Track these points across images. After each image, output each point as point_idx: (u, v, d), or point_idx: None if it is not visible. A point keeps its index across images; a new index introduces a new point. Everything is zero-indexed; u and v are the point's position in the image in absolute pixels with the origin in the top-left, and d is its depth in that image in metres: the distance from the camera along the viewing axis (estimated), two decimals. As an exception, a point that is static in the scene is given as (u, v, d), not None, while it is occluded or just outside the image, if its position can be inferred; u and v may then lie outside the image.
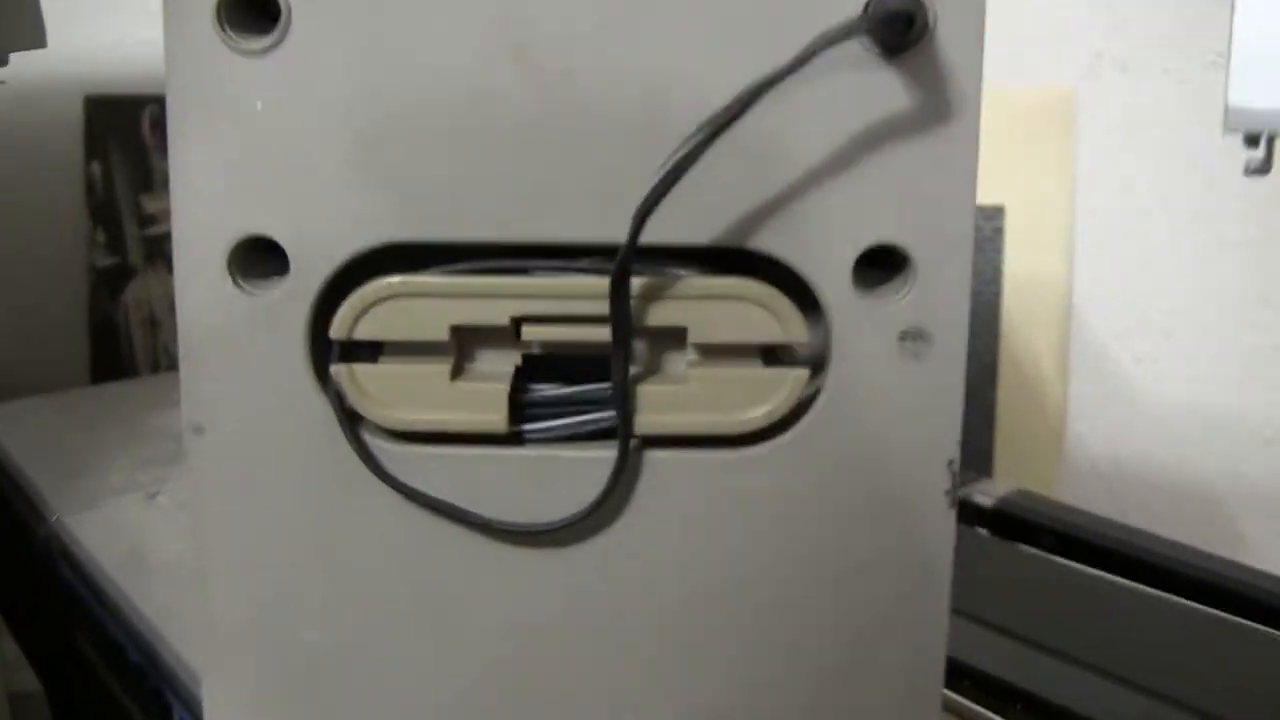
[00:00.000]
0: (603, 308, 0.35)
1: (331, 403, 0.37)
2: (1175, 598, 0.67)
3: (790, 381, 0.36)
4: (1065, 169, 0.91)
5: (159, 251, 1.01)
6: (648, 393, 0.37)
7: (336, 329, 0.36)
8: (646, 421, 0.36)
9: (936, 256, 0.35)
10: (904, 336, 0.36)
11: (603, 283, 0.35)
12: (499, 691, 0.38)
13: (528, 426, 0.37)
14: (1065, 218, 0.92)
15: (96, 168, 1.01)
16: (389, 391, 0.37)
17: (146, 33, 0.95)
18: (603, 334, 0.35)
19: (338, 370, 0.36)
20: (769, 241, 0.35)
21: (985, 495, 0.77)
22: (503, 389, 0.36)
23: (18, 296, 0.97)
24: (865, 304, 0.36)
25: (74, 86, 1.00)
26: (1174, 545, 0.71)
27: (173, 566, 0.61)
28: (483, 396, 0.36)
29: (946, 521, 0.37)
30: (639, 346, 0.37)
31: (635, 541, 0.37)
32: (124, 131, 1.00)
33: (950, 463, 0.37)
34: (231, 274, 0.36)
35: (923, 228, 0.35)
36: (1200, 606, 0.67)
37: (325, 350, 0.37)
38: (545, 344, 0.37)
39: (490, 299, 0.36)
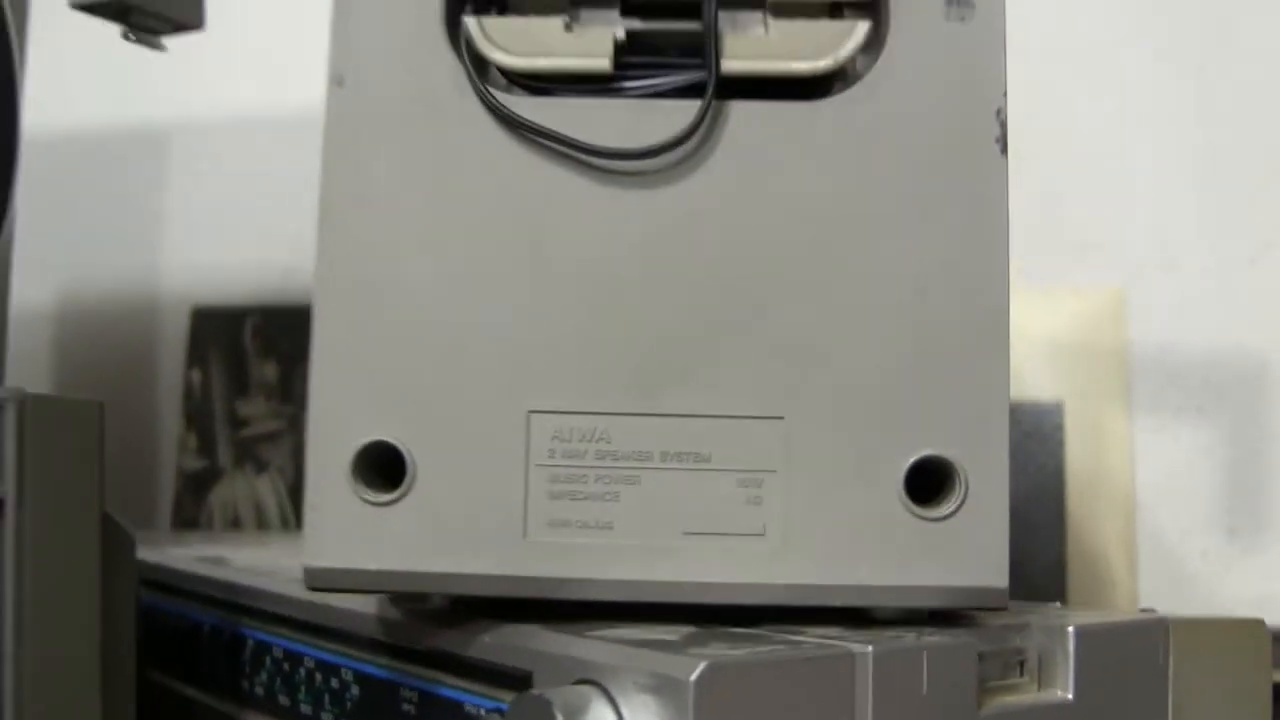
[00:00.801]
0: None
1: (460, 50, 0.42)
2: None
3: (855, 32, 0.42)
4: (1120, 365, 0.96)
5: (250, 454, 1.06)
6: (732, 41, 0.42)
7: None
8: (731, 66, 0.42)
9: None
10: (949, 1, 0.42)
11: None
12: (588, 331, 0.41)
13: (628, 83, 0.43)
14: (1123, 413, 0.96)
15: (196, 375, 1.07)
16: (512, 39, 0.42)
17: (251, 250, 1.04)
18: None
19: (468, 22, 0.42)
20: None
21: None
22: (609, 33, 0.42)
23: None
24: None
25: (182, 301, 1.07)
26: None
27: None
28: (591, 41, 0.42)
29: (999, 166, 0.42)
30: (723, 14, 0.42)
31: (720, 182, 0.41)
32: (226, 340, 1.07)
33: (998, 111, 0.42)
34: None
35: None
36: None
37: (458, 5, 0.43)
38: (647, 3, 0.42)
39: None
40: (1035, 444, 0.94)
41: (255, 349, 1.05)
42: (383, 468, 0.40)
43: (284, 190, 0.88)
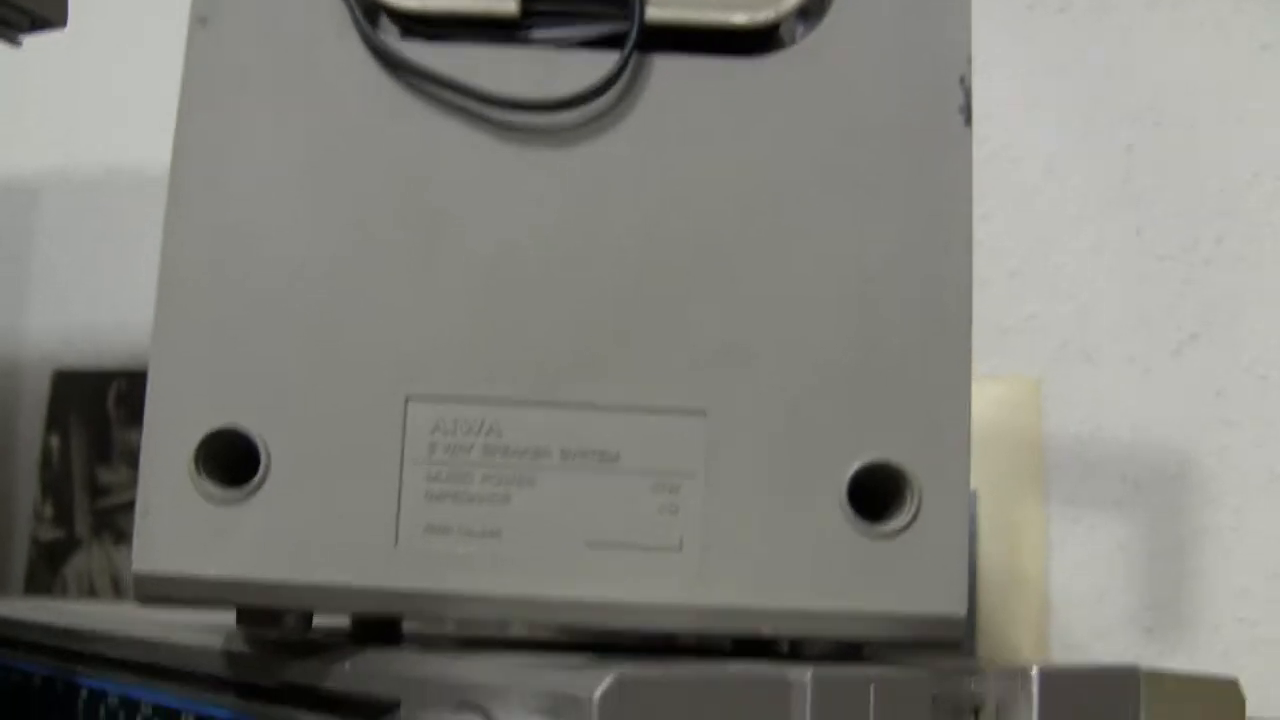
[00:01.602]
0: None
1: (343, -14, 0.37)
2: None
3: (801, -21, 0.37)
4: (1036, 457, 0.92)
5: (109, 524, 0.98)
6: (660, -12, 0.37)
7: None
8: (657, 14, 0.37)
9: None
10: (910, -49, 0.37)
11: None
12: (478, 307, 0.35)
13: (538, 30, 0.37)
14: (1037, 506, 0.92)
15: (55, 440, 1.00)
16: (404, -28, 0.37)
17: (117, 311, 0.98)
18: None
19: (353, -48, 0.37)
20: None
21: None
22: (515, -30, 0.37)
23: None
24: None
25: (44, 363, 1.01)
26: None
27: None
28: (496, -22, 0.37)
29: (962, 139, 0.37)
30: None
31: (639, 145, 0.36)
32: (88, 405, 1.00)
33: (962, 79, 0.37)
34: None
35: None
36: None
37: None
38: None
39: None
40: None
41: (119, 415, 0.99)
42: (231, 460, 0.34)
43: (154, 250, 0.82)
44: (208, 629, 0.41)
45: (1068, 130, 0.88)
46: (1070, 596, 0.87)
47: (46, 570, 0.98)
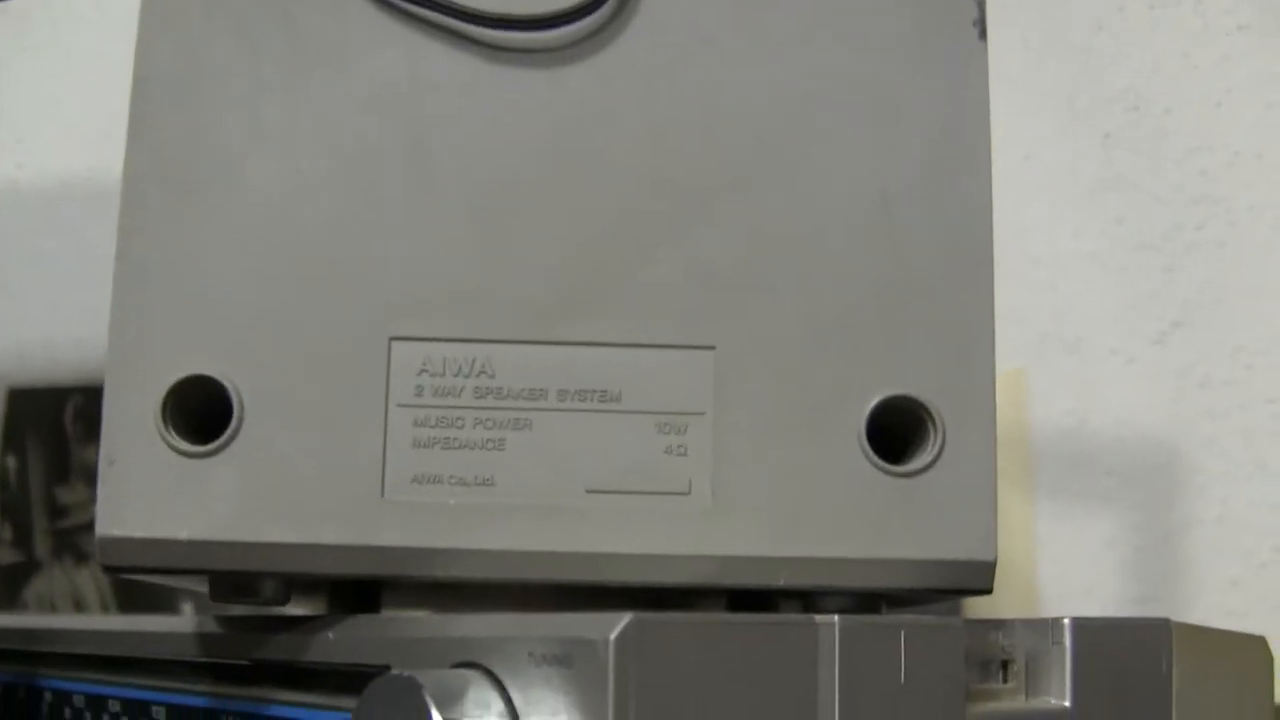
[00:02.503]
0: None
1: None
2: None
3: None
4: (1021, 450, 0.90)
5: (69, 545, 0.95)
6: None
7: None
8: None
9: None
10: None
11: None
12: (468, 241, 0.33)
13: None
14: (1025, 501, 0.90)
15: (11, 460, 0.97)
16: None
17: (74, 329, 0.95)
18: None
19: None
20: None
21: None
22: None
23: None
24: None
25: None
26: None
27: None
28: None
29: (978, 54, 0.34)
30: None
31: (638, 68, 0.34)
32: (45, 423, 0.97)
33: (975, -12, 0.35)
34: None
35: None
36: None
37: None
38: None
39: None
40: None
41: (77, 432, 0.95)
42: (201, 412, 0.31)
43: (109, 262, 0.79)
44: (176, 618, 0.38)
45: (1045, 118, 0.87)
46: (1058, 589, 0.85)
47: (6, 595, 0.95)
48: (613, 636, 0.25)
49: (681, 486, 0.31)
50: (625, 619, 0.25)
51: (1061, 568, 0.85)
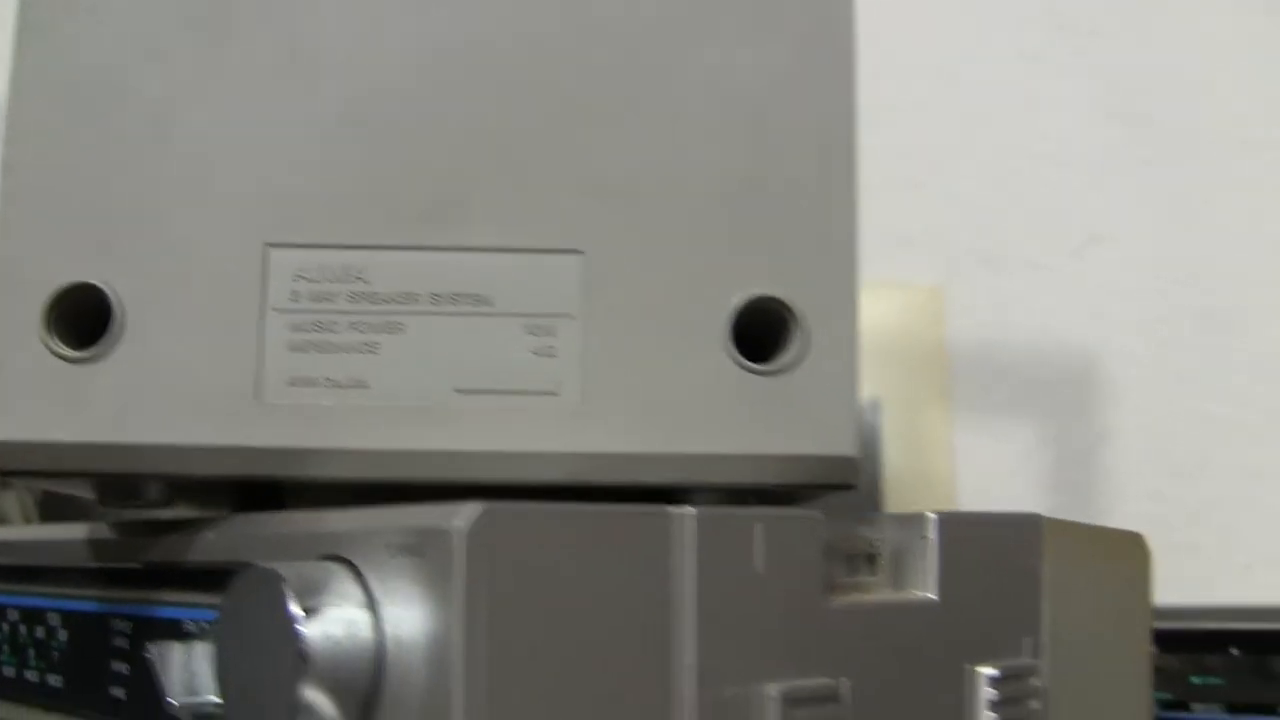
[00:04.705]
0: None
1: None
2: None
3: None
4: (940, 364, 0.91)
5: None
6: None
7: None
8: None
9: None
10: None
11: None
12: (342, 146, 0.33)
13: None
14: (943, 414, 0.91)
15: None
16: None
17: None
18: None
19: None
20: None
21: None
22: None
23: None
24: None
25: None
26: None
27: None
28: None
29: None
30: None
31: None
32: None
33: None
34: None
35: None
36: None
37: None
38: None
39: None
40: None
41: None
42: (83, 318, 0.32)
43: None
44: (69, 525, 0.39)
45: (964, 37, 0.87)
46: (978, 501, 0.87)
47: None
48: (462, 525, 0.26)
49: (550, 387, 0.32)
50: (476, 508, 0.26)
51: (981, 480, 0.87)
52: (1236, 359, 0.85)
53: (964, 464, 0.90)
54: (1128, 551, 0.39)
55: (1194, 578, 0.56)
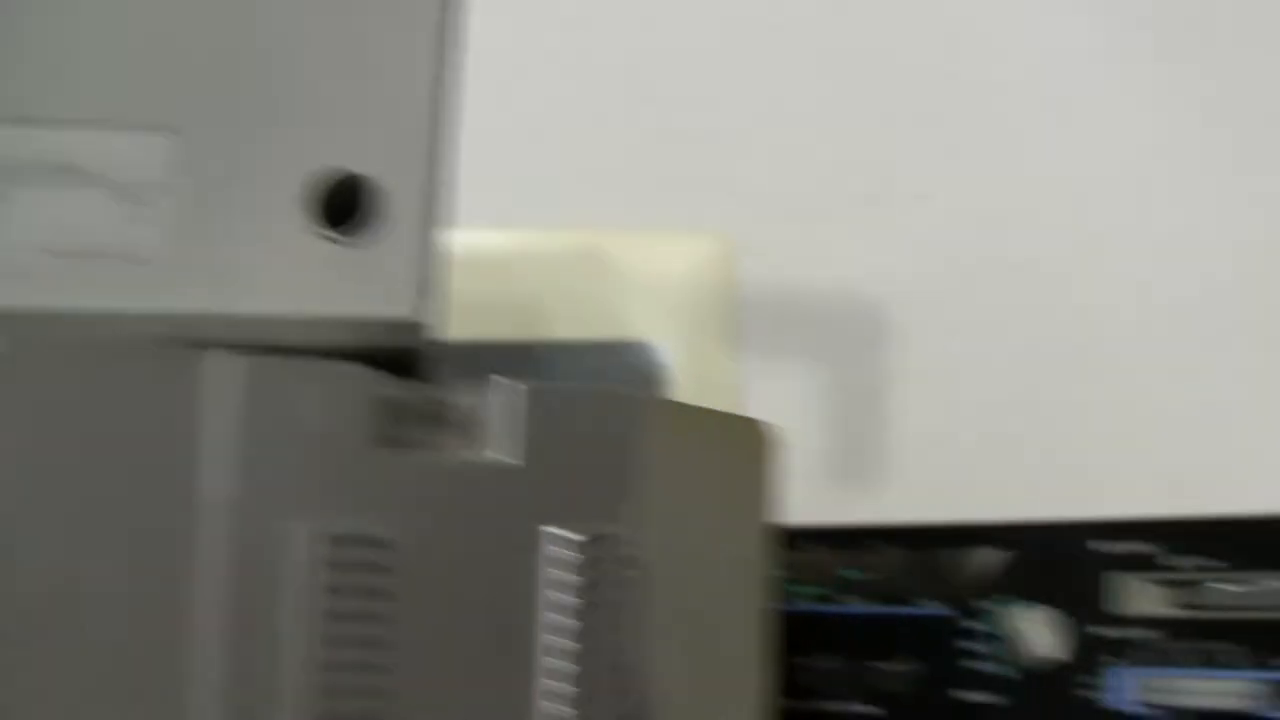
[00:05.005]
0: None
1: None
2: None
3: None
4: (729, 310, 0.92)
5: None
6: None
7: None
8: None
9: None
10: None
11: None
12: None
13: None
14: (731, 359, 0.93)
15: None
16: None
17: None
18: None
19: None
20: None
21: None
22: None
23: None
24: None
25: None
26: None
27: None
28: None
29: None
30: None
31: None
32: None
33: None
34: None
35: None
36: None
37: None
38: None
39: None
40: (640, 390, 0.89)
41: None
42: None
43: None
44: None
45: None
46: (765, 444, 0.88)
47: None
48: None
49: (141, 252, 0.34)
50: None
51: (771, 420, 0.88)
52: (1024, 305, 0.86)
53: (754, 407, 0.91)
54: (743, 436, 0.41)
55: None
